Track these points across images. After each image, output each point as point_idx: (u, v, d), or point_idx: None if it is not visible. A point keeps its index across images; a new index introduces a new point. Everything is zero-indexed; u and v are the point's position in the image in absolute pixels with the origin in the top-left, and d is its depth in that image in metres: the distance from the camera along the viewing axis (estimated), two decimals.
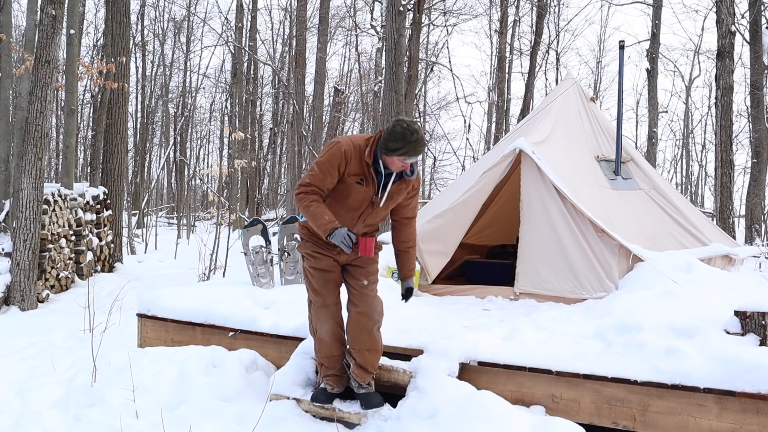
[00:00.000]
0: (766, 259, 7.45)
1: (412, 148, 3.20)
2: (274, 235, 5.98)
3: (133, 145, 24.11)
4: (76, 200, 8.99)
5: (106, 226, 10.01)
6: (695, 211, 7.02)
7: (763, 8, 12.68)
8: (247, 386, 3.94)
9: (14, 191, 7.83)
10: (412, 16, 13.06)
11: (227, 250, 9.80)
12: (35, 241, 7.43)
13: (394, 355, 3.82)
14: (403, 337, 3.96)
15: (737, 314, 3.39)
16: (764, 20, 12.81)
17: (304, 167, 19.40)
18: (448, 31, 22.85)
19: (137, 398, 3.62)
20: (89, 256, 9.29)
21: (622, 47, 6.74)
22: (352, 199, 3.39)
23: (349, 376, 3.66)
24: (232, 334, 4.44)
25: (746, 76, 17.66)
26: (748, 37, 13.01)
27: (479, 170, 6.40)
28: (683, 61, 43.03)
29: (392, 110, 10.91)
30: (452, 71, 21.95)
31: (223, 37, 23.27)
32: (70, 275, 8.68)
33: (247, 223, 5.82)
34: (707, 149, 26.63)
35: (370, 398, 3.54)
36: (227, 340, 4.44)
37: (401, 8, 11.06)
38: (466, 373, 3.62)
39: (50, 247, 8.08)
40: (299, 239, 3.74)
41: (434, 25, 21.26)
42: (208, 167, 27.77)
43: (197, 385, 3.81)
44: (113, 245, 10.32)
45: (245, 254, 5.52)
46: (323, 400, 3.63)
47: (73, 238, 8.84)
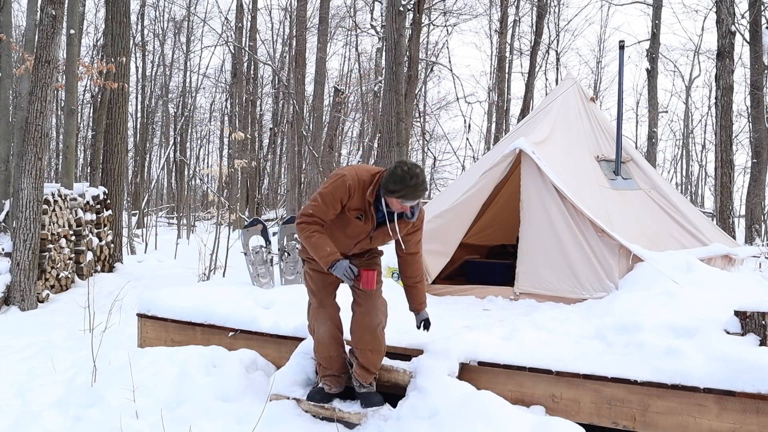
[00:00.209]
0: (766, 259, 7.45)
1: (410, 192, 3.20)
2: (274, 235, 5.98)
3: (133, 145, 24.11)
4: (76, 200, 8.99)
5: (106, 226, 10.02)
6: (695, 211, 7.02)
7: (763, 8, 12.68)
8: (247, 386, 3.94)
9: (14, 191, 7.83)
10: (412, 16, 13.07)
11: (227, 250, 9.80)
12: (35, 241, 7.43)
13: (394, 355, 3.83)
14: (403, 337, 3.96)
15: (737, 314, 3.39)
16: (764, 20, 12.81)
17: (304, 167, 19.41)
18: (448, 31, 22.88)
19: (137, 398, 3.62)
20: (89, 256, 9.29)
21: (622, 47, 6.75)
22: (350, 229, 3.43)
23: (348, 376, 3.67)
24: (232, 334, 4.45)
25: (746, 76, 17.69)
26: (748, 37, 13.01)
27: (479, 170, 6.40)
28: (683, 61, 43.07)
29: (392, 110, 10.91)
30: (452, 71, 22.01)
31: (223, 37, 23.27)
32: (70, 275, 8.68)
33: (247, 223, 5.82)
34: (707, 149, 26.64)
35: (370, 397, 3.55)
36: (227, 340, 4.44)
37: (401, 8, 11.07)
38: (466, 373, 3.63)
39: (50, 247, 8.09)
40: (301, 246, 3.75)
41: (434, 25, 21.28)
42: (208, 167, 27.76)
43: (197, 385, 3.81)
44: (113, 245, 10.32)
45: (245, 254, 5.52)
46: (319, 399, 3.64)
47: (73, 238, 8.84)
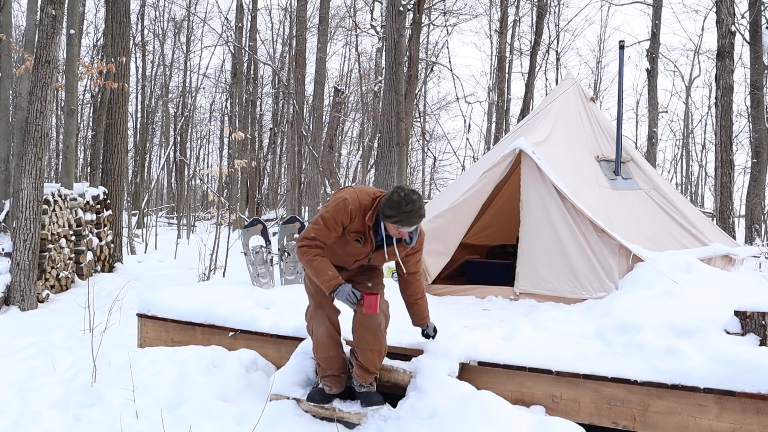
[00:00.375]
0: (766, 259, 7.45)
1: (405, 218, 3.19)
2: (274, 235, 5.98)
3: (133, 145, 24.10)
4: (76, 200, 8.99)
5: (106, 226, 10.01)
6: (695, 211, 7.02)
7: (763, 8, 12.68)
8: (247, 386, 3.94)
9: (14, 191, 7.83)
10: (412, 16, 13.07)
11: (227, 250, 9.80)
12: (35, 241, 7.43)
13: (394, 355, 3.82)
14: (403, 337, 3.96)
15: (737, 314, 3.39)
16: (764, 20, 12.81)
17: (304, 167, 19.41)
18: (448, 31, 22.88)
19: (137, 398, 3.62)
20: (89, 256, 9.29)
21: (622, 47, 6.75)
22: (349, 249, 3.45)
23: (348, 376, 3.67)
24: (232, 334, 4.44)
25: (746, 76, 17.69)
26: (748, 37, 13.01)
27: (479, 170, 6.41)
28: (683, 61, 43.01)
29: (392, 110, 10.91)
30: (452, 71, 22.01)
31: (223, 37, 23.26)
32: (70, 275, 8.68)
33: (247, 223, 5.82)
34: (707, 149, 26.64)
35: (370, 397, 3.55)
36: (227, 340, 4.44)
37: (401, 8, 11.06)
38: (466, 373, 3.63)
39: (50, 247, 8.09)
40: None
41: (434, 25, 21.27)
42: (208, 167, 27.78)
43: (197, 385, 3.81)
44: (113, 245, 10.32)
45: (245, 254, 5.52)
46: (319, 399, 3.64)
47: (73, 238, 8.84)
